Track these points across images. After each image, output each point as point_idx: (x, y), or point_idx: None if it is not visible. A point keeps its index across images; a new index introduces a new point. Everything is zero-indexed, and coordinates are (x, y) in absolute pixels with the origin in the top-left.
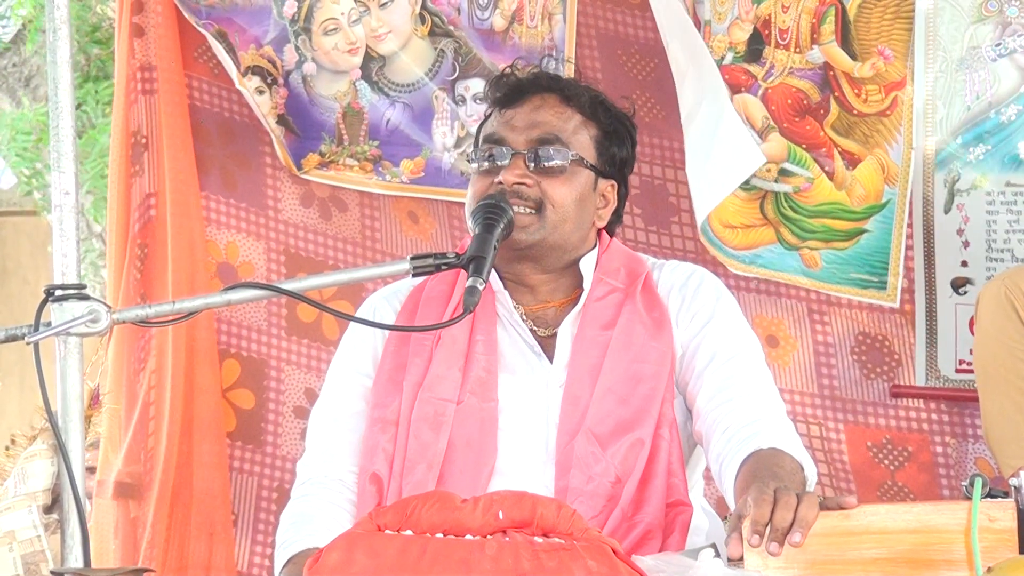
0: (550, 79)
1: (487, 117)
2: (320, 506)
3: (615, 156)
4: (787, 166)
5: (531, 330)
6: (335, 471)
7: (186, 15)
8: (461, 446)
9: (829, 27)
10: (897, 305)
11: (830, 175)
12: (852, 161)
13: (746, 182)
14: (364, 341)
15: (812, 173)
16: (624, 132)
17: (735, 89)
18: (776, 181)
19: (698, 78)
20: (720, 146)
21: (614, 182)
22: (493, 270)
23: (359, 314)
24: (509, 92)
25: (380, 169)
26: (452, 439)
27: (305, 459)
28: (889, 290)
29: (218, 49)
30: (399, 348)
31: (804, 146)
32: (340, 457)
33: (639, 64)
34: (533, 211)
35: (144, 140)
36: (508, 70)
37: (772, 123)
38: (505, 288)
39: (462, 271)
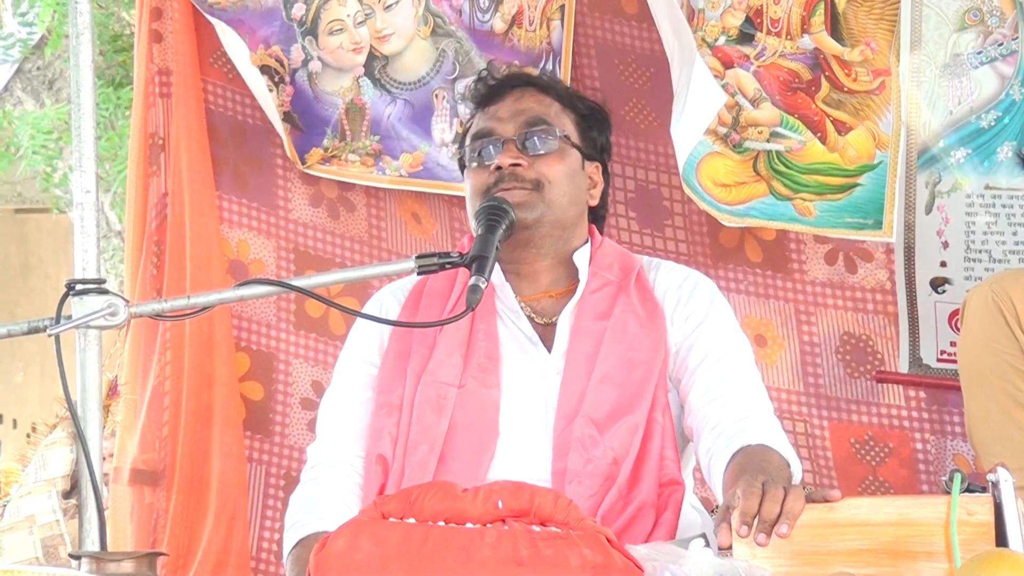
0: (526, 76)
1: (470, 120)
2: (329, 489)
3: (596, 140)
4: (779, 130)
5: (529, 317)
6: (344, 456)
7: (201, 9)
8: (463, 428)
9: (819, 19)
10: (894, 239)
11: (822, 139)
12: (844, 129)
13: (738, 145)
14: (371, 332)
15: (804, 137)
16: (602, 118)
17: (727, 65)
18: (768, 141)
19: (679, 46)
20: (693, 94)
21: (598, 164)
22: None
23: (367, 308)
24: (488, 92)
25: (380, 164)
26: (454, 421)
27: (315, 444)
28: (885, 227)
29: (230, 38)
30: (403, 337)
31: (796, 116)
32: (349, 443)
33: (636, 72)
34: (531, 190)
35: (161, 142)
36: (483, 73)
37: (764, 94)
38: (506, 280)
39: (461, 268)
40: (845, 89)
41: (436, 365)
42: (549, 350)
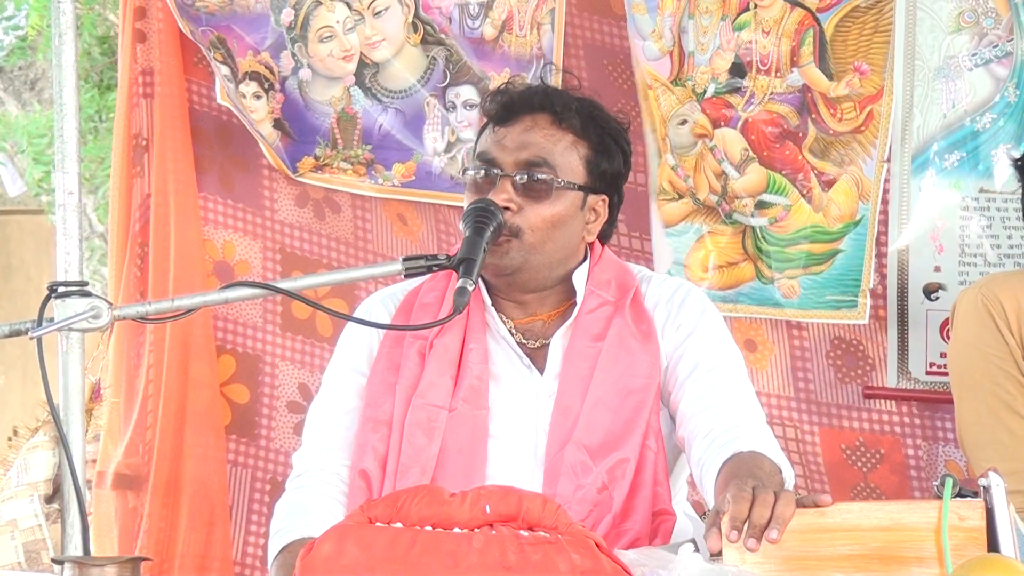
0: (543, 98)
1: (483, 128)
2: (315, 497)
3: (606, 171)
4: (765, 197)
5: (520, 343)
6: (331, 464)
7: (181, 26)
8: (453, 452)
9: (808, 48)
10: (866, 321)
11: (808, 198)
12: (828, 183)
13: (729, 215)
14: (360, 339)
15: (790, 199)
16: (615, 148)
17: (715, 123)
18: (752, 215)
19: None
20: None
21: (605, 196)
22: (482, 284)
23: (356, 314)
24: (502, 110)
25: (373, 172)
26: (444, 445)
27: (301, 452)
28: (859, 308)
29: (212, 61)
30: (392, 350)
31: (783, 172)
32: (335, 451)
33: (624, 73)
34: (511, 236)
35: (145, 142)
36: (504, 86)
37: (752, 154)
38: (493, 303)
39: (454, 277)
40: (831, 132)
41: (426, 387)
42: (541, 372)
